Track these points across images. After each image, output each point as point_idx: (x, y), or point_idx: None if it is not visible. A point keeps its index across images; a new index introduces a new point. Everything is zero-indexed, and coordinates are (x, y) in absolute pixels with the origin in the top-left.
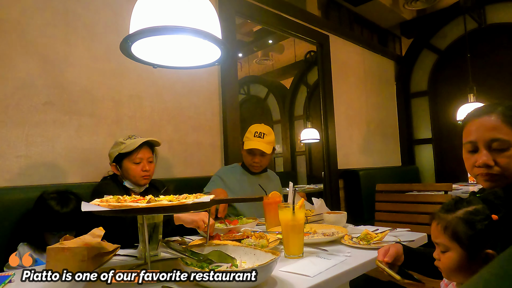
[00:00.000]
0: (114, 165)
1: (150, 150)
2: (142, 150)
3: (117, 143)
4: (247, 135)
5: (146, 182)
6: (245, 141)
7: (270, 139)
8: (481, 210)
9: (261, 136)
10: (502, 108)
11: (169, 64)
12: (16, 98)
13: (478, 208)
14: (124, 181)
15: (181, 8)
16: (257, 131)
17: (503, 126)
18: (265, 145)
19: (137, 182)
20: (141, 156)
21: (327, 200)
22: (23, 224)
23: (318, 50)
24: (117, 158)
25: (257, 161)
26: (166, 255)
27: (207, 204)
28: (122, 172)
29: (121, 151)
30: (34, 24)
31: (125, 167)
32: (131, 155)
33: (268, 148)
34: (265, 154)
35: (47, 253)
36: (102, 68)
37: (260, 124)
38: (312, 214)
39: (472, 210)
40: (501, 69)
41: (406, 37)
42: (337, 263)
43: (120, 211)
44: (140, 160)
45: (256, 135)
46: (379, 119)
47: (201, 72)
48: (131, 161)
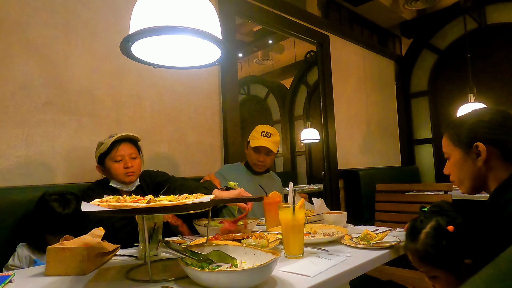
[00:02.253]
0: (98, 167)
1: (131, 145)
2: (121, 147)
3: (98, 144)
4: (253, 134)
5: (131, 179)
6: (251, 140)
7: (276, 139)
8: (436, 226)
9: (268, 136)
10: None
11: (169, 64)
12: (16, 98)
13: (433, 225)
14: (110, 181)
15: (181, 8)
16: (263, 131)
17: (445, 140)
18: (271, 144)
19: (122, 180)
20: (122, 154)
21: (327, 200)
22: (24, 226)
23: (318, 50)
24: (100, 159)
25: (261, 159)
26: (166, 255)
27: (207, 204)
28: (106, 172)
29: (101, 151)
30: (34, 24)
31: (107, 166)
32: (110, 154)
33: (274, 147)
34: (271, 153)
35: (47, 253)
36: (102, 68)
37: (265, 125)
38: (312, 214)
39: (429, 230)
40: (501, 69)
41: (406, 37)
42: (337, 263)
43: (120, 211)
44: (121, 157)
45: (263, 134)
46: (379, 119)
47: (201, 72)
48: (112, 159)
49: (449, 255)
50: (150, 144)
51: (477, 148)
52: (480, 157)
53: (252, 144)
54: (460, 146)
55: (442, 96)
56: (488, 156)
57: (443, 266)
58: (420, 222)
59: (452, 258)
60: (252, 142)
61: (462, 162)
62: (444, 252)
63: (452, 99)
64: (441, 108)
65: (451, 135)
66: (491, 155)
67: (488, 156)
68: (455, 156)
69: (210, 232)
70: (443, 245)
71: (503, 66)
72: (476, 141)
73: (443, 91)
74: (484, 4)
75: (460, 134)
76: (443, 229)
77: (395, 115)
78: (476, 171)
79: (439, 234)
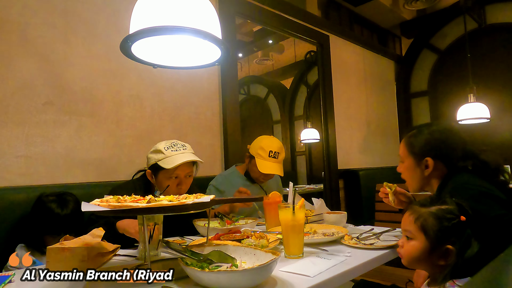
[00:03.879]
0: (150, 173)
1: (191, 165)
2: (181, 167)
3: (157, 150)
4: (260, 152)
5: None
6: (258, 159)
7: (282, 157)
8: (453, 210)
9: (276, 156)
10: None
11: (169, 64)
12: (16, 98)
13: (450, 208)
14: (156, 190)
15: (181, 8)
16: (271, 150)
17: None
18: (280, 166)
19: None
20: (179, 173)
21: (327, 200)
22: (22, 227)
23: (318, 50)
24: (154, 166)
25: (267, 178)
26: (166, 255)
27: (207, 204)
28: (156, 181)
29: (159, 162)
30: (34, 24)
31: (160, 179)
32: (169, 169)
33: (282, 168)
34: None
35: (47, 253)
36: (102, 68)
37: (271, 138)
38: (312, 214)
39: (444, 208)
40: (501, 69)
41: (406, 37)
42: (337, 263)
43: (120, 211)
44: (177, 175)
45: (271, 155)
46: (379, 119)
47: (201, 72)
48: (167, 175)
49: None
50: (150, 144)
51: (426, 162)
52: (428, 168)
53: (261, 168)
54: (413, 156)
55: (442, 96)
56: (434, 168)
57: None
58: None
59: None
60: (259, 164)
61: (413, 168)
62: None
63: (452, 99)
64: (441, 108)
65: (407, 143)
66: (436, 167)
67: (434, 168)
68: (408, 162)
69: (210, 232)
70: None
71: (503, 66)
72: (426, 155)
73: (443, 91)
74: (484, 4)
75: (415, 146)
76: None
77: (395, 115)
78: (423, 177)
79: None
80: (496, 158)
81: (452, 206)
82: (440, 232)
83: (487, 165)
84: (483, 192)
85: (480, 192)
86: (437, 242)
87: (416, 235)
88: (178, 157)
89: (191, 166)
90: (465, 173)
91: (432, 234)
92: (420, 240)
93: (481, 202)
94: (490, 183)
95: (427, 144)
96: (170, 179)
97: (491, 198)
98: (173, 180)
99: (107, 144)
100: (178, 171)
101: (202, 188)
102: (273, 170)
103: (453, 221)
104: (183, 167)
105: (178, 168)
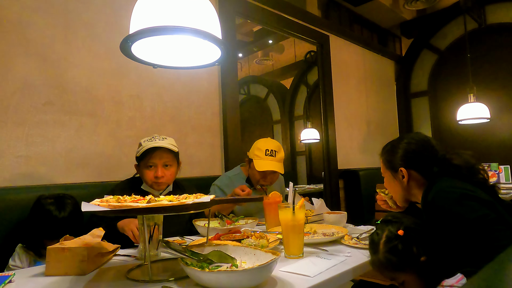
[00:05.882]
0: (136, 166)
1: (168, 153)
2: (155, 154)
3: (139, 144)
4: (256, 153)
5: (160, 188)
6: (256, 160)
7: (281, 156)
8: (389, 234)
9: (273, 154)
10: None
11: (169, 64)
12: (16, 98)
13: (387, 234)
14: (143, 183)
15: (181, 8)
16: (268, 149)
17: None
18: (278, 165)
19: (151, 187)
20: (154, 161)
21: (327, 200)
22: (21, 230)
23: (318, 50)
24: (137, 160)
25: (268, 180)
26: (166, 255)
27: (207, 204)
28: (140, 175)
29: (137, 154)
30: (34, 24)
31: (140, 170)
32: (144, 159)
33: (281, 167)
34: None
35: (47, 253)
36: (102, 68)
37: (267, 139)
38: (312, 214)
39: (385, 239)
40: (501, 69)
41: (406, 37)
42: (337, 263)
43: (120, 211)
44: (153, 164)
45: (267, 153)
46: (379, 119)
47: (201, 72)
48: (144, 165)
49: (406, 257)
50: None
51: (401, 172)
52: (404, 178)
53: (258, 167)
54: (390, 170)
55: (442, 96)
56: (410, 177)
57: (405, 269)
58: (376, 235)
59: (410, 259)
60: (257, 164)
61: (392, 181)
62: (402, 255)
63: (452, 99)
64: (441, 108)
65: (384, 160)
66: (412, 176)
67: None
68: (387, 177)
69: (210, 232)
70: (399, 249)
71: (503, 66)
72: (400, 166)
73: (443, 91)
74: (484, 4)
75: (390, 160)
76: (395, 234)
77: (395, 115)
78: (403, 187)
79: (393, 240)
80: (467, 159)
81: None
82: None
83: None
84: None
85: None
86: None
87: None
88: (150, 145)
89: (168, 155)
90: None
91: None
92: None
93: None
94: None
95: (401, 156)
96: (147, 169)
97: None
98: (150, 171)
99: (107, 144)
100: (153, 159)
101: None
102: (270, 167)
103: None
104: (158, 154)
105: (152, 156)
